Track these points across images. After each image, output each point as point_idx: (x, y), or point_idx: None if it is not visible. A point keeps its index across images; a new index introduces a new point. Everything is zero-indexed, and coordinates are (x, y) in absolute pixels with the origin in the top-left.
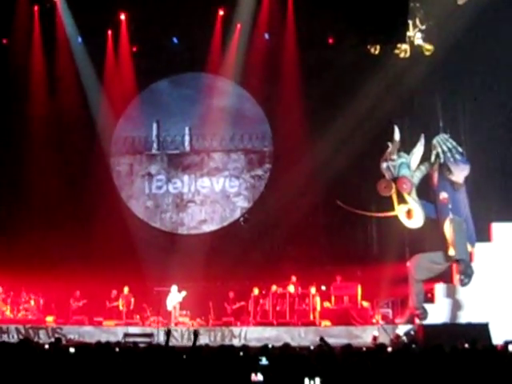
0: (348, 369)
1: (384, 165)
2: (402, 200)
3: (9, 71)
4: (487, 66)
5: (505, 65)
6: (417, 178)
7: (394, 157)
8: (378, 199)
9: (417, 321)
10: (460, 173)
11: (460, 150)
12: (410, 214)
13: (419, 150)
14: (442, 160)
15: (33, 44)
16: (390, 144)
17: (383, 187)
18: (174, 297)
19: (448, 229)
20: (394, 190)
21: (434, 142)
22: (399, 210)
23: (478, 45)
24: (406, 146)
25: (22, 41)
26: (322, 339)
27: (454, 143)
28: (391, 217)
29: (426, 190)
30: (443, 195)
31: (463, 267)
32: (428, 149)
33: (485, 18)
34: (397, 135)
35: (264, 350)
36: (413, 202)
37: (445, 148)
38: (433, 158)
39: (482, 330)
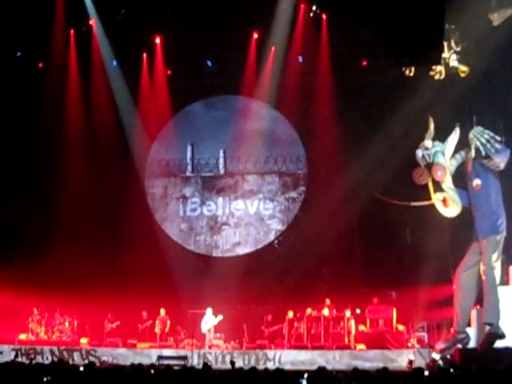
0: None
1: (419, 153)
2: (438, 188)
3: (45, 95)
4: None
5: None
6: (452, 166)
7: (429, 145)
8: (414, 220)
9: (459, 346)
10: (502, 160)
11: (498, 138)
12: (446, 202)
13: (454, 138)
14: (483, 153)
15: (69, 67)
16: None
17: (418, 176)
18: (209, 320)
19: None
20: (429, 179)
21: (471, 135)
22: (435, 198)
23: None
24: (441, 135)
25: (58, 64)
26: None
27: (491, 133)
28: (429, 205)
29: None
30: (476, 182)
31: (489, 335)
32: (463, 138)
33: None
34: (431, 124)
35: (300, 374)
36: (449, 190)
37: (483, 140)
38: (473, 152)
39: None
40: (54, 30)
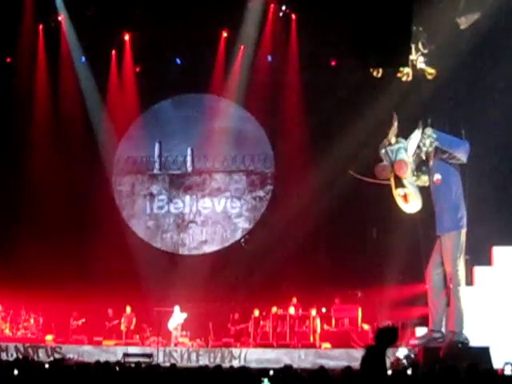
0: None
1: (382, 150)
2: (399, 184)
3: (12, 89)
4: (488, 91)
5: (505, 90)
6: (414, 162)
7: (392, 141)
8: (379, 219)
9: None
10: (463, 153)
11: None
12: (407, 197)
13: (416, 135)
14: (439, 146)
15: (37, 62)
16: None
17: (380, 170)
18: (177, 318)
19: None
20: (391, 174)
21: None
22: (396, 194)
23: (479, 70)
24: (407, 135)
25: (26, 59)
26: None
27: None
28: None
29: None
30: (437, 176)
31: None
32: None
33: (486, 43)
34: (395, 121)
35: (265, 372)
36: (410, 185)
37: (427, 142)
38: (427, 143)
39: (482, 353)
40: (22, 24)
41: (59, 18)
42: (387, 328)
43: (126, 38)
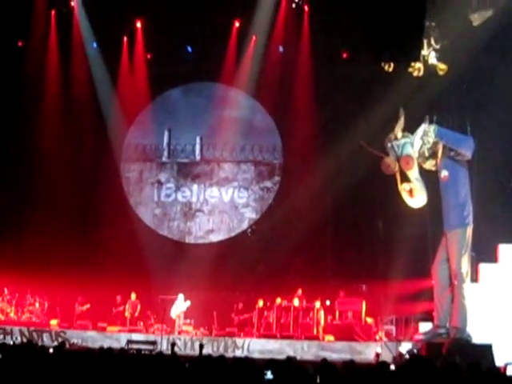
0: None
1: (388, 145)
2: (404, 179)
3: (23, 74)
4: (500, 87)
5: None
6: (420, 158)
7: (399, 136)
8: (386, 213)
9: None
10: (467, 149)
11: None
12: (412, 192)
13: (423, 130)
14: (443, 143)
15: (48, 47)
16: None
17: (386, 166)
18: (180, 306)
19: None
20: (397, 169)
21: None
22: (402, 189)
23: (491, 66)
24: (413, 127)
25: (38, 44)
26: None
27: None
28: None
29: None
30: (444, 173)
31: (456, 340)
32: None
33: (498, 41)
34: (402, 115)
35: (269, 364)
36: (415, 180)
37: (430, 139)
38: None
39: (485, 351)
40: (34, 9)
41: (72, 4)
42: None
43: (138, 25)
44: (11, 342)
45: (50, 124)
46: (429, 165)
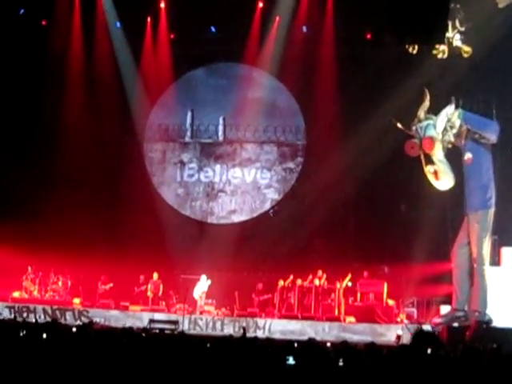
0: (372, 368)
1: (413, 128)
2: (428, 161)
3: (46, 53)
4: None
5: None
6: (446, 139)
7: (422, 117)
8: (409, 196)
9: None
10: (492, 133)
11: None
12: (438, 175)
13: (448, 112)
14: (469, 127)
15: (72, 27)
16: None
17: (410, 148)
18: (201, 285)
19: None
20: (421, 151)
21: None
22: (427, 171)
23: None
24: (436, 109)
25: (62, 23)
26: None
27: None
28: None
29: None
30: (468, 155)
31: (477, 323)
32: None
33: None
34: (426, 97)
35: (290, 347)
36: (439, 162)
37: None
38: (457, 125)
39: (507, 334)
40: None
41: None
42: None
43: (162, 5)
44: (34, 320)
45: (73, 103)
46: (451, 136)
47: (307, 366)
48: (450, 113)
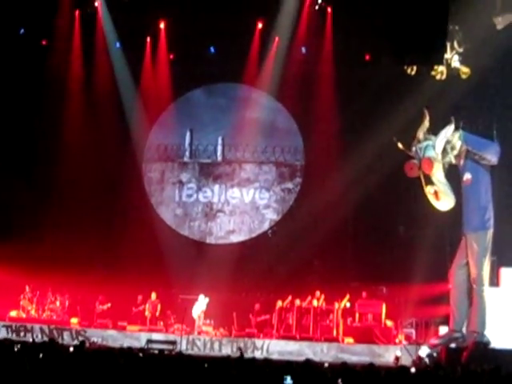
0: None
1: (413, 148)
2: (428, 181)
3: (46, 72)
4: None
5: None
6: (447, 160)
7: (421, 138)
8: (407, 217)
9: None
10: (493, 155)
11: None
12: (438, 195)
13: (447, 132)
14: (469, 149)
15: (72, 47)
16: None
17: (409, 169)
18: (200, 304)
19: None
20: (420, 172)
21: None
22: (427, 192)
23: None
24: (435, 130)
25: (62, 43)
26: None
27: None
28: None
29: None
30: (467, 176)
31: (475, 344)
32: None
33: None
34: (426, 117)
35: (288, 367)
36: (439, 183)
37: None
38: (457, 147)
39: (506, 355)
40: (59, 9)
41: (96, 4)
42: None
43: (162, 25)
44: (31, 340)
45: (72, 122)
46: (451, 158)
47: None
48: (451, 134)
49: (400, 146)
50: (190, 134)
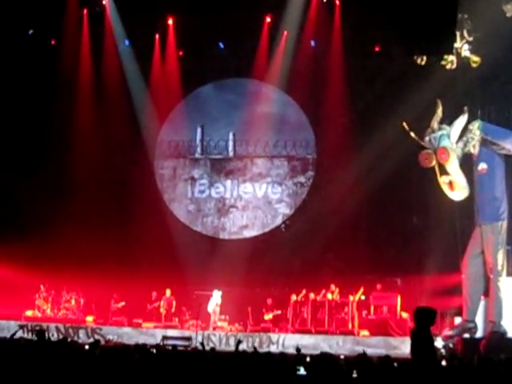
0: (387, 380)
1: (427, 138)
2: (443, 171)
3: (56, 72)
4: None
5: None
6: (459, 149)
7: (435, 128)
8: (420, 209)
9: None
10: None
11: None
12: (452, 185)
13: (461, 121)
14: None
15: (81, 46)
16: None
17: (424, 159)
18: (215, 299)
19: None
20: (434, 162)
21: (470, 127)
22: (441, 182)
23: None
24: (448, 120)
25: (71, 42)
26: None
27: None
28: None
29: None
30: (482, 166)
31: (492, 334)
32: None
33: None
34: (439, 108)
35: (301, 359)
36: (454, 173)
37: (475, 136)
38: (476, 137)
39: None
40: (67, 8)
41: (103, 2)
42: (425, 308)
43: (170, 22)
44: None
45: (83, 121)
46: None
47: (319, 377)
48: (470, 124)
49: (412, 134)
50: (201, 130)
